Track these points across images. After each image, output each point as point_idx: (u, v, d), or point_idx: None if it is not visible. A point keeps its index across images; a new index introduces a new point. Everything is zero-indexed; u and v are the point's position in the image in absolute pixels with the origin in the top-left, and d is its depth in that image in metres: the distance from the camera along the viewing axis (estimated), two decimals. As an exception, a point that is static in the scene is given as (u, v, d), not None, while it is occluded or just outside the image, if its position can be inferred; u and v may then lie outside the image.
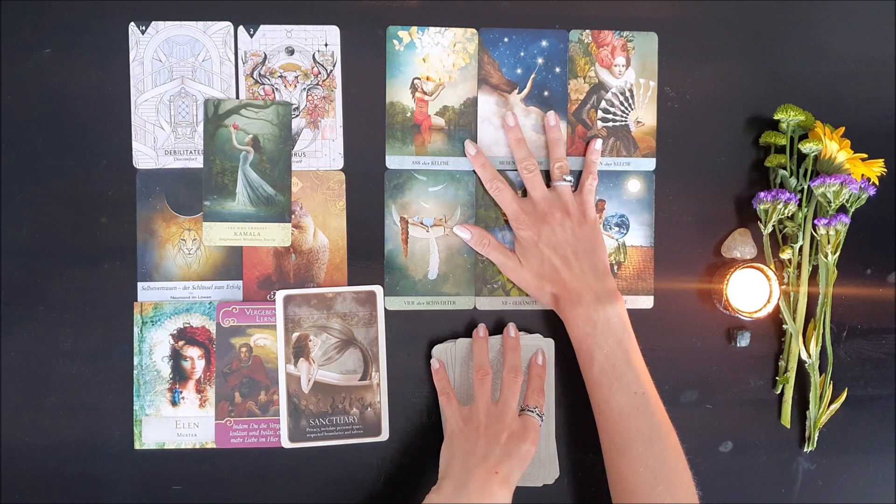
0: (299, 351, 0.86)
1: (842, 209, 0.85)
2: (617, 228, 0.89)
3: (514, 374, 0.83)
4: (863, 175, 0.85)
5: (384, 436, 0.87)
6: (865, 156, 0.85)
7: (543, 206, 0.85)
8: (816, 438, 0.89)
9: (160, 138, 0.86)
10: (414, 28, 0.87)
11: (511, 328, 0.87)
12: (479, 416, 0.82)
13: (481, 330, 0.87)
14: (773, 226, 0.86)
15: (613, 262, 0.89)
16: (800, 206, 0.85)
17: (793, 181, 0.86)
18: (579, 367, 0.83)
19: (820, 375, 0.88)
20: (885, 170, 0.86)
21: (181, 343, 0.86)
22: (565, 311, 0.83)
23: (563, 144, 0.88)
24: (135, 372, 0.86)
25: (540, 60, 0.88)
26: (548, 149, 0.88)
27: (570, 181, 0.86)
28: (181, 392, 0.86)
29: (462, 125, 0.88)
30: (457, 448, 0.81)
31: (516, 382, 0.83)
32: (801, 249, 0.86)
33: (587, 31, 0.88)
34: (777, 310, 0.87)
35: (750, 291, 0.87)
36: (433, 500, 0.77)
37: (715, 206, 0.90)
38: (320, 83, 0.87)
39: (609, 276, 0.84)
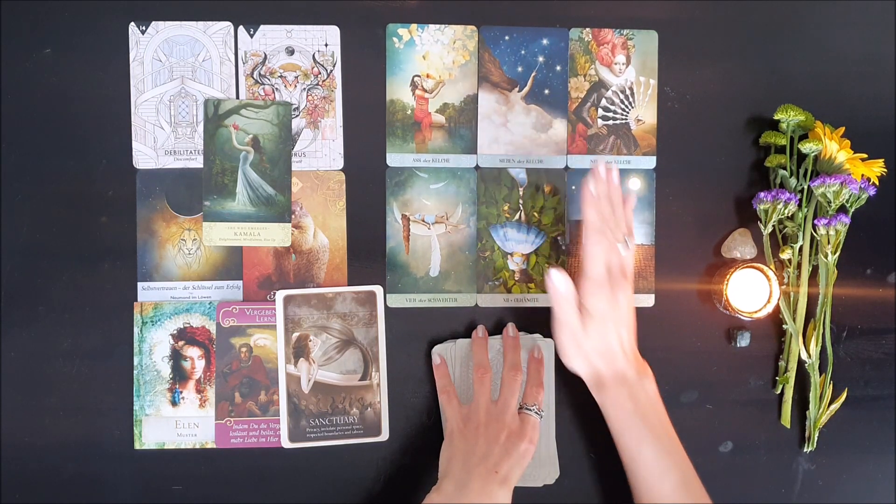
0: (299, 351, 0.86)
1: (842, 209, 0.85)
2: (618, 226, 0.89)
3: (515, 372, 0.84)
4: (863, 175, 0.85)
5: (384, 436, 0.87)
6: (865, 156, 0.85)
7: (617, 273, 0.82)
8: (816, 438, 0.89)
9: (160, 138, 0.86)
10: (414, 25, 0.87)
11: (510, 327, 0.87)
12: (478, 416, 0.82)
13: (480, 331, 0.87)
14: (773, 226, 0.86)
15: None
16: (800, 206, 0.85)
17: (793, 181, 0.86)
18: (618, 445, 0.82)
19: (820, 375, 0.88)
20: (885, 170, 0.86)
21: (181, 343, 0.86)
22: (608, 389, 0.82)
23: (622, 205, 0.84)
24: (135, 372, 0.86)
25: (541, 58, 0.88)
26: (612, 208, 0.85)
27: (631, 249, 0.83)
28: (181, 392, 0.86)
29: (462, 122, 0.88)
30: (457, 447, 0.81)
31: (516, 381, 0.83)
32: (801, 249, 0.86)
33: (587, 29, 0.88)
34: (777, 310, 0.87)
35: (750, 291, 0.87)
36: (433, 499, 0.77)
37: (715, 206, 0.90)
38: (320, 83, 0.87)
39: (637, 351, 0.83)
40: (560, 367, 0.88)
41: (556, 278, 0.82)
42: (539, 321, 0.89)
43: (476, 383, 0.84)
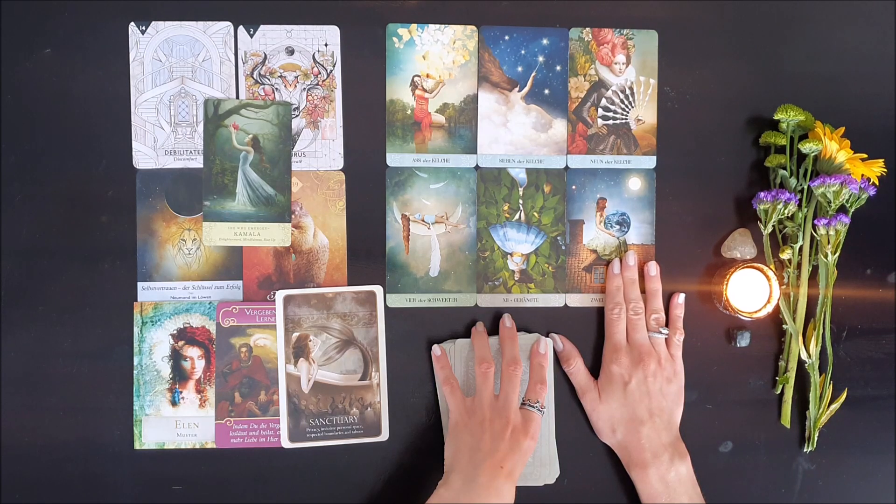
0: (299, 351, 0.86)
1: (842, 209, 0.85)
2: (618, 227, 0.89)
3: (514, 366, 0.83)
4: (863, 175, 0.85)
5: (384, 436, 0.87)
6: (865, 156, 0.85)
7: (643, 351, 0.86)
8: (816, 438, 0.89)
9: (160, 138, 0.86)
10: (413, 25, 0.87)
11: (506, 318, 0.87)
12: (483, 410, 0.82)
13: (480, 326, 0.87)
14: (773, 226, 0.86)
15: (614, 258, 0.89)
16: (800, 206, 0.85)
17: (793, 181, 0.86)
18: None
19: (820, 375, 0.88)
20: (885, 170, 0.86)
21: (181, 343, 0.86)
22: (636, 467, 0.84)
23: (661, 296, 0.88)
24: (135, 372, 0.86)
25: (540, 58, 0.88)
26: (646, 298, 0.88)
27: (666, 334, 0.87)
28: (181, 392, 0.86)
29: (462, 122, 0.88)
30: (462, 441, 0.81)
31: (516, 375, 0.83)
32: (801, 249, 0.86)
33: (587, 28, 0.88)
34: (777, 310, 0.87)
35: (750, 291, 0.87)
36: (442, 494, 0.78)
37: (715, 206, 0.90)
38: (320, 83, 0.87)
39: (678, 433, 0.86)
40: (560, 368, 0.88)
41: (554, 342, 0.88)
42: (539, 321, 0.89)
43: (479, 377, 0.84)
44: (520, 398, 0.83)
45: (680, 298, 0.88)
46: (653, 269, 0.88)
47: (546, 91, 0.88)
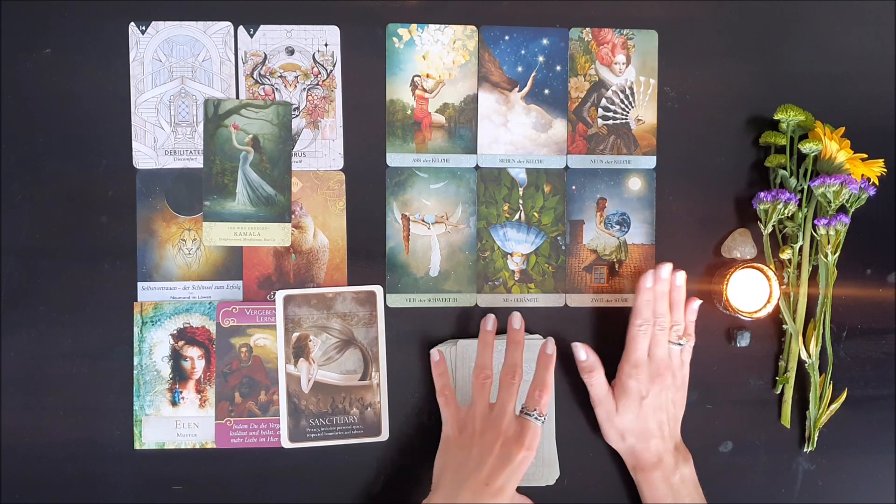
0: (299, 351, 0.86)
1: (842, 209, 0.85)
2: (618, 227, 0.89)
3: (512, 374, 0.81)
4: (863, 175, 0.85)
5: (384, 436, 0.87)
6: (865, 156, 0.85)
7: (661, 366, 0.84)
8: (816, 438, 0.89)
9: (160, 138, 0.86)
10: (413, 25, 0.87)
11: (515, 320, 0.85)
12: (474, 423, 0.80)
13: (489, 323, 0.86)
14: (773, 226, 0.86)
15: (615, 259, 0.89)
16: (800, 206, 0.85)
17: (793, 181, 0.86)
18: None
19: (820, 375, 0.88)
20: (885, 170, 0.86)
21: (181, 343, 0.86)
22: (641, 471, 0.84)
23: (683, 306, 0.86)
24: (135, 372, 0.86)
25: (541, 58, 0.88)
26: (670, 309, 0.85)
27: (684, 345, 0.85)
28: (181, 392, 0.86)
29: (462, 122, 0.88)
30: (450, 457, 0.80)
31: (514, 384, 0.81)
32: (801, 249, 0.86)
33: (587, 29, 0.88)
34: (777, 310, 0.87)
35: (750, 291, 0.87)
36: None
37: (715, 206, 0.90)
38: (320, 83, 0.87)
39: (680, 436, 0.86)
40: (560, 369, 0.88)
41: (578, 352, 0.86)
42: (538, 322, 0.89)
43: (476, 387, 0.82)
44: (518, 406, 0.81)
45: (695, 304, 0.86)
46: (680, 278, 0.85)
47: (546, 91, 0.88)
